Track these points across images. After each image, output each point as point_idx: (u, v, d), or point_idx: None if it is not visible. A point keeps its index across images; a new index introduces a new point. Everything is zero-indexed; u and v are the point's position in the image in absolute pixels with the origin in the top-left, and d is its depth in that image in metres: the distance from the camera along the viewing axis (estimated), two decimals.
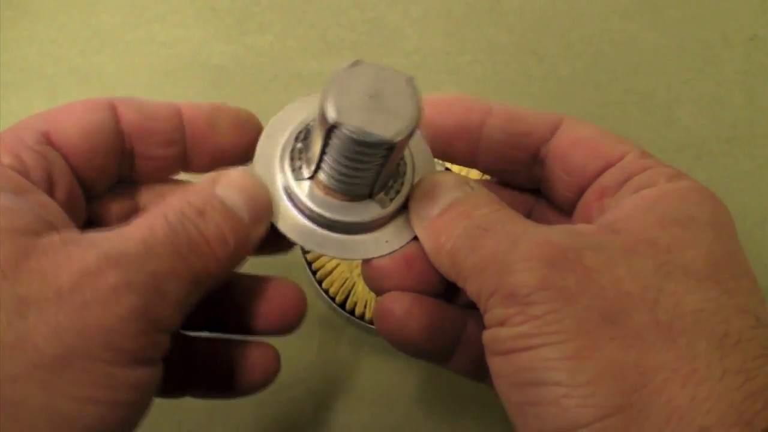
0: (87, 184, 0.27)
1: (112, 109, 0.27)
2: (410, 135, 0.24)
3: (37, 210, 0.23)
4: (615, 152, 0.27)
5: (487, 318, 0.23)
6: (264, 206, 0.27)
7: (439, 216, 0.27)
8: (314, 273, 0.42)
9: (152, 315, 0.22)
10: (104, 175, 0.28)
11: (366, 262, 0.29)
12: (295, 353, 0.41)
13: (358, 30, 0.54)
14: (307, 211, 0.28)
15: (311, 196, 0.28)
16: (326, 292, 0.42)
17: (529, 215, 0.31)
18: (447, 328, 0.29)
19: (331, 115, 0.24)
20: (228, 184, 0.26)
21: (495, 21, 0.55)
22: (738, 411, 0.19)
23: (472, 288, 0.24)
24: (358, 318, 0.41)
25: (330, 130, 0.24)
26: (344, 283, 0.42)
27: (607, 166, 0.27)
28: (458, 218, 0.26)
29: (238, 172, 0.27)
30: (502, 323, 0.22)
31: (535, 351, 0.21)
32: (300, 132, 0.28)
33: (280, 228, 0.28)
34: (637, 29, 0.55)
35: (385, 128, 0.24)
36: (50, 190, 0.25)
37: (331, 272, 0.42)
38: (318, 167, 0.27)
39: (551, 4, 0.56)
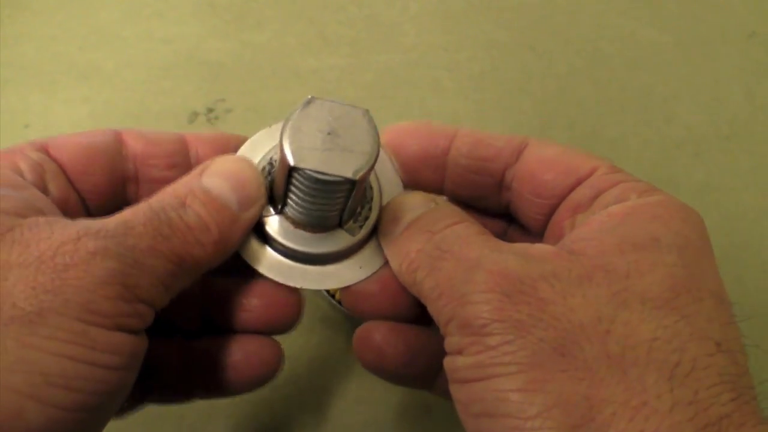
0: (87, 199, 0.28)
1: (117, 134, 0.28)
2: (370, 169, 0.25)
3: (27, 197, 0.24)
4: (584, 168, 0.27)
5: (446, 344, 0.23)
6: (253, 189, 0.27)
7: (402, 233, 0.27)
8: None
9: (130, 283, 0.22)
10: (105, 194, 0.28)
11: (344, 288, 0.29)
12: (295, 350, 0.41)
13: (357, 27, 0.53)
14: (280, 247, 0.28)
15: (282, 231, 0.28)
16: (326, 290, 0.42)
17: (503, 238, 0.31)
18: (427, 353, 0.29)
19: (290, 159, 0.24)
20: (215, 171, 0.26)
21: (493, 17, 0.55)
22: None
23: (431, 310, 0.25)
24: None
25: (290, 172, 0.25)
26: None
27: (578, 183, 0.27)
28: (418, 234, 0.26)
29: (228, 157, 0.27)
30: (459, 351, 0.22)
31: (488, 381, 0.21)
32: (263, 168, 0.28)
33: (257, 269, 0.28)
34: (636, 26, 0.55)
35: (345, 167, 0.24)
36: (43, 190, 0.26)
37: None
38: (285, 204, 0.27)
39: (549, 1, 0.56)
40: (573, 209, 0.27)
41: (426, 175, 0.29)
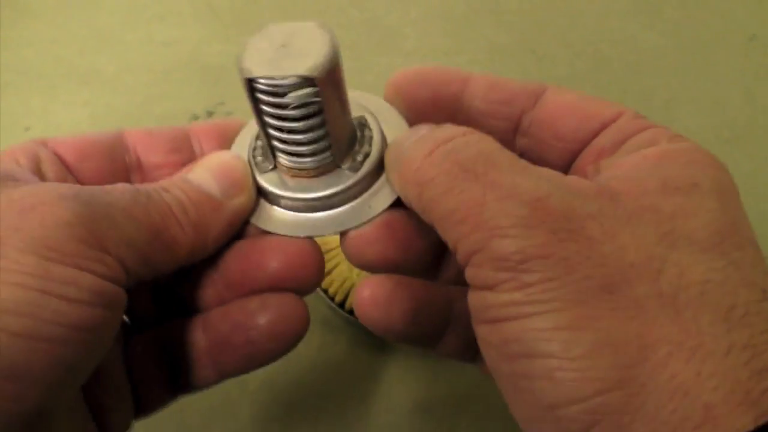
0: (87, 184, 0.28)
1: (117, 130, 0.28)
2: (331, 72, 0.24)
3: (17, 170, 0.24)
4: (609, 113, 0.26)
5: (471, 275, 0.22)
6: (237, 176, 0.27)
7: (408, 147, 0.25)
8: None
9: (97, 231, 0.22)
10: (106, 180, 0.27)
11: (345, 233, 0.27)
12: (295, 353, 0.41)
13: (357, 30, 0.53)
14: (282, 201, 0.27)
15: (281, 184, 0.27)
16: (325, 291, 0.42)
17: None
18: (434, 310, 0.27)
19: (244, 72, 0.24)
20: (200, 165, 0.27)
21: (494, 21, 0.55)
22: (744, 389, 0.18)
23: (446, 234, 0.23)
24: (357, 318, 0.41)
25: (252, 90, 0.24)
26: (343, 282, 0.42)
27: (602, 128, 0.26)
28: (423, 141, 0.24)
29: (215, 153, 0.27)
30: (490, 287, 0.21)
31: (526, 320, 0.20)
32: (257, 135, 0.28)
33: (263, 226, 0.27)
34: (636, 29, 0.55)
35: (299, 66, 0.23)
36: (40, 176, 0.26)
37: (330, 272, 0.42)
38: (272, 149, 0.27)
39: (550, 4, 0.56)
40: (597, 154, 0.26)
41: (438, 120, 0.27)
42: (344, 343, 0.42)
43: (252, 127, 0.29)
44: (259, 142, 0.28)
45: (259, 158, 0.28)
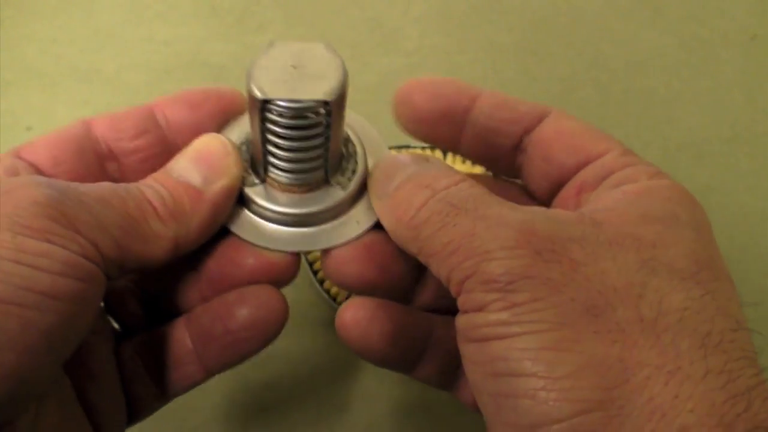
0: None
1: (84, 121, 0.28)
2: (342, 96, 0.24)
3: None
4: (597, 148, 0.27)
5: (462, 301, 0.22)
6: (216, 161, 0.27)
7: (397, 189, 0.26)
8: (315, 273, 0.42)
9: (69, 212, 0.22)
10: (83, 178, 0.28)
11: (325, 252, 0.28)
12: (296, 354, 0.41)
13: (358, 29, 0.53)
14: (268, 214, 0.28)
15: (269, 197, 0.27)
16: (327, 292, 0.42)
17: None
18: (413, 334, 0.28)
19: (259, 93, 0.24)
20: (182, 153, 0.27)
21: (495, 20, 0.55)
22: (720, 412, 0.19)
23: (440, 268, 0.23)
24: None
25: (263, 110, 0.24)
26: None
27: (587, 162, 0.27)
28: (418, 189, 0.25)
29: (196, 139, 0.27)
30: (479, 309, 0.21)
31: (512, 339, 0.20)
32: (241, 145, 0.28)
33: (250, 239, 0.28)
34: (638, 29, 0.55)
35: (316, 91, 0.24)
36: None
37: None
38: (266, 164, 0.27)
39: (551, 4, 0.56)
40: (579, 188, 0.27)
41: (444, 131, 0.29)
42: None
43: (236, 133, 0.29)
44: (245, 150, 0.28)
45: (248, 170, 0.28)
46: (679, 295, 0.21)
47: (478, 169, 0.42)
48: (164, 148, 0.28)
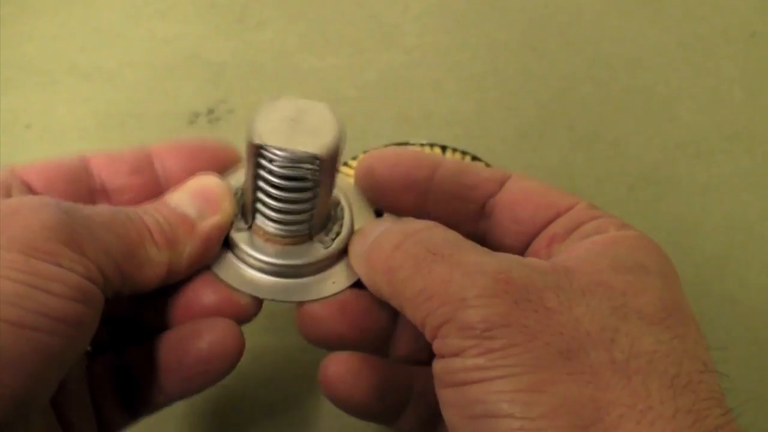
0: None
1: (82, 155, 0.29)
2: (335, 154, 0.26)
3: None
4: (564, 203, 0.28)
5: (438, 346, 0.23)
6: (214, 196, 0.28)
7: (375, 239, 0.27)
8: None
9: (77, 237, 0.23)
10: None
11: (299, 306, 0.29)
12: (295, 351, 0.41)
13: (358, 26, 0.53)
14: (250, 260, 0.29)
15: (251, 244, 0.29)
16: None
17: None
18: (397, 386, 0.29)
19: (256, 139, 0.25)
20: (180, 188, 0.28)
21: (495, 17, 0.55)
22: None
23: (415, 313, 0.24)
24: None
25: (257, 155, 0.26)
26: None
27: (557, 216, 0.28)
28: (394, 235, 0.26)
29: (196, 177, 0.29)
30: (455, 354, 0.22)
31: (489, 383, 0.21)
32: (235, 192, 0.29)
33: (225, 279, 0.28)
34: (637, 26, 0.55)
35: (310, 144, 0.25)
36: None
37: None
38: (254, 211, 0.28)
39: (551, 1, 0.56)
40: (549, 239, 0.28)
41: (408, 200, 0.30)
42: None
43: (232, 181, 0.30)
44: (238, 197, 0.29)
45: (238, 216, 0.29)
46: (648, 338, 0.22)
47: None
48: (156, 191, 0.29)
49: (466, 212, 0.30)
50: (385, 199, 0.30)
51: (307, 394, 0.41)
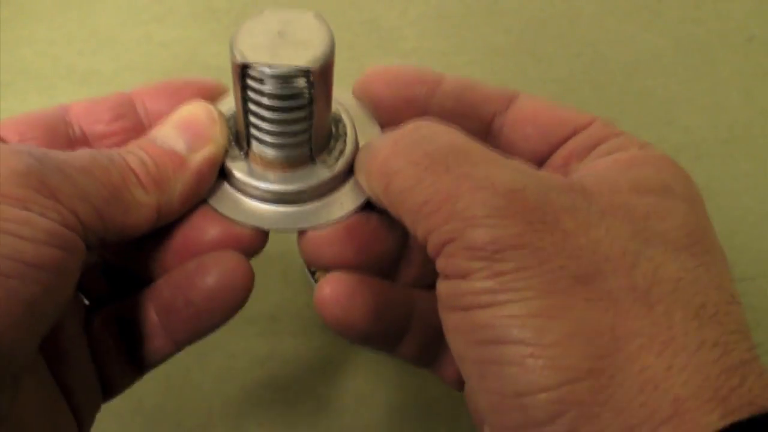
0: None
1: (62, 106, 0.28)
2: (327, 65, 0.24)
3: None
4: (581, 119, 0.27)
5: (442, 265, 0.22)
6: (203, 128, 0.26)
7: (369, 143, 0.25)
8: (312, 273, 0.42)
9: (50, 182, 0.22)
10: None
11: (302, 233, 0.27)
12: (294, 355, 0.41)
13: (356, 31, 0.53)
14: (250, 190, 0.27)
15: (250, 172, 0.27)
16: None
17: None
18: (396, 309, 0.27)
19: (238, 57, 0.23)
20: (166, 120, 0.26)
21: (493, 22, 0.55)
22: (714, 386, 0.18)
23: (416, 227, 0.22)
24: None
25: (244, 75, 0.24)
26: None
27: (574, 133, 0.26)
28: (389, 134, 0.24)
29: (182, 106, 0.27)
30: (462, 276, 0.21)
31: (499, 307, 0.20)
32: (228, 119, 0.28)
33: (228, 214, 0.27)
34: (635, 30, 0.55)
35: (298, 57, 0.23)
36: None
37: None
38: (249, 137, 0.26)
39: (549, 5, 0.56)
40: (567, 158, 0.26)
41: (407, 118, 0.27)
42: (343, 342, 0.42)
43: (224, 107, 0.28)
44: (232, 124, 0.27)
45: (231, 144, 0.27)
46: (673, 265, 0.20)
47: None
48: (140, 135, 0.27)
49: (472, 130, 0.27)
50: (383, 117, 0.28)
51: (307, 396, 0.40)
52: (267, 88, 0.24)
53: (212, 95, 0.28)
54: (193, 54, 0.52)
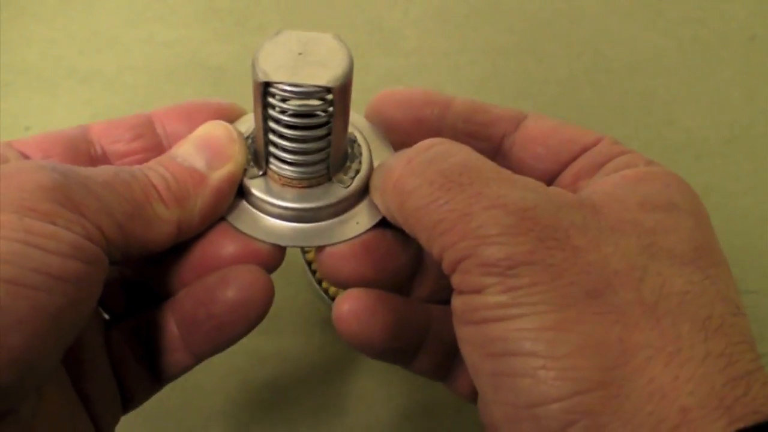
0: None
1: (83, 126, 0.29)
2: (345, 85, 0.24)
3: None
4: (589, 138, 0.27)
5: (457, 281, 0.22)
6: (223, 146, 0.27)
7: (384, 163, 0.26)
8: (314, 273, 0.42)
9: (74, 197, 0.22)
10: None
11: (320, 249, 0.27)
12: (295, 354, 0.41)
13: (358, 30, 0.54)
14: (267, 207, 0.27)
15: (268, 190, 0.27)
16: (326, 291, 0.42)
17: None
18: (413, 325, 0.28)
19: (261, 76, 0.24)
20: (187, 139, 0.27)
21: (494, 22, 0.55)
22: (719, 395, 0.19)
23: (431, 245, 0.23)
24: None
25: (265, 94, 0.24)
26: None
27: (582, 151, 0.27)
28: (403, 152, 0.25)
29: (202, 125, 0.28)
30: (477, 291, 0.21)
31: (512, 321, 0.20)
32: (246, 138, 0.28)
33: (246, 231, 0.27)
34: (637, 30, 0.55)
35: (319, 77, 0.24)
36: None
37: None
38: (267, 155, 0.27)
39: (551, 5, 0.56)
40: (575, 176, 0.27)
41: (419, 139, 0.28)
42: (344, 342, 0.42)
43: (243, 126, 0.29)
44: (250, 143, 0.28)
45: (250, 162, 0.28)
46: (679, 279, 0.21)
47: None
48: (159, 154, 0.28)
49: (481, 151, 0.28)
50: (395, 138, 0.29)
51: (308, 395, 0.41)
52: (288, 106, 0.25)
53: (230, 116, 0.29)
54: (195, 54, 0.52)
